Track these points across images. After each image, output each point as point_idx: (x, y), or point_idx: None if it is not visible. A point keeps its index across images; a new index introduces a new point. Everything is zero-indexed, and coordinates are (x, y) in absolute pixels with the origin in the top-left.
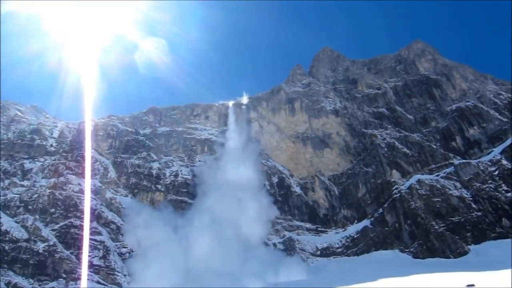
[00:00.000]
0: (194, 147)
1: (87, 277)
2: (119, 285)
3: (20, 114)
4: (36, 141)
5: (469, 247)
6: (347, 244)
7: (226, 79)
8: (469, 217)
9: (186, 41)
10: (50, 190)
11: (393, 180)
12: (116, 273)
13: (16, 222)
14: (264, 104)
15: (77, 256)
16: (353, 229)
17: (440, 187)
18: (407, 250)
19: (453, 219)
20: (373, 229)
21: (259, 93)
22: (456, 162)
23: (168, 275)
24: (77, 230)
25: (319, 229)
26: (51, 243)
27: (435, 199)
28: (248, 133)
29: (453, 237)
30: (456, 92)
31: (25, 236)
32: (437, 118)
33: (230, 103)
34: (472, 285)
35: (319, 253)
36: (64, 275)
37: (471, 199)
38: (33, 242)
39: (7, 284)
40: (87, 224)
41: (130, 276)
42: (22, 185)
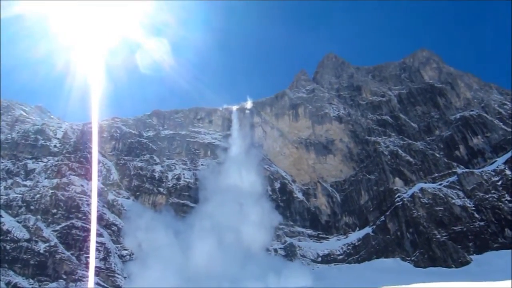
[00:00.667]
0: (197, 151)
1: (87, 278)
2: (119, 287)
3: (24, 114)
4: (39, 142)
5: (471, 257)
6: (348, 251)
7: (230, 83)
8: (472, 226)
9: (191, 43)
10: (53, 191)
11: (395, 188)
12: (116, 275)
13: (17, 222)
14: (267, 109)
15: (77, 257)
16: (354, 236)
17: (443, 196)
18: (409, 258)
19: (455, 228)
20: (374, 236)
21: (263, 98)
22: (459, 171)
23: (168, 278)
24: (79, 231)
25: (320, 235)
26: (52, 243)
27: (437, 208)
28: (251, 138)
29: (455, 247)
30: (460, 101)
31: (26, 236)
32: (441, 127)
33: (234, 108)
34: None
35: (320, 259)
36: (65, 276)
37: (473, 208)
38: (34, 242)
39: (7, 284)
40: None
41: (129, 278)
42: (25, 185)
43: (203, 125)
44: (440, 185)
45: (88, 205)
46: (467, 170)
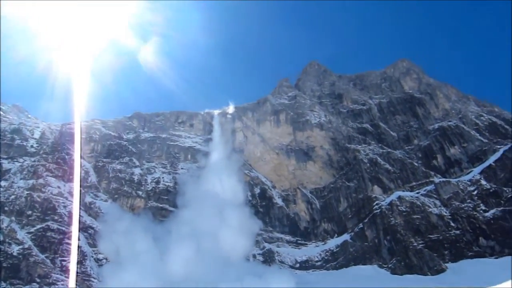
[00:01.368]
0: (178, 155)
1: (62, 282)
2: None
3: (1, 113)
4: (16, 141)
5: (447, 264)
6: (326, 258)
7: (214, 86)
8: (448, 235)
9: (177, 45)
10: (28, 192)
11: (374, 195)
12: (91, 279)
13: None
14: (249, 115)
15: (52, 261)
16: (333, 243)
17: (420, 205)
18: (386, 266)
19: (431, 236)
20: (353, 243)
21: (245, 103)
22: (436, 180)
23: (144, 282)
24: (54, 234)
25: (299, 241)
26: (26, 246)
27: (414, 216)
28: (232, 142)
29: (431, 255)
30: (439, 112)
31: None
32: (420, 136)
33: (216, 112)
34: None
35: (298, 265)
36: (38, 280)
37: (450, 217)
38: (8, 244)
39: None
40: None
41: (104, 282)
42: None
43: (184, 129)
44: (417, 193)
45: (65, 207)
46: (444, 179)
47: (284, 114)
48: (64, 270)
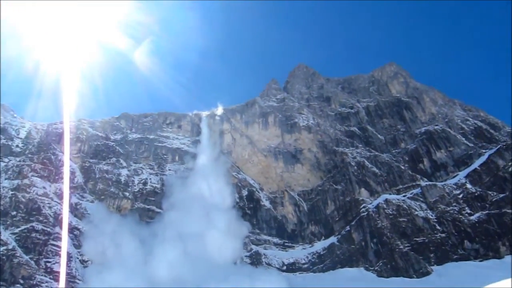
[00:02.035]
0: (165, 156)
1: (46, 284)
2: None
3: None
4: (1, 141)
5: (432, 267)
6: (313, 260)
7: (202, 89)
8: (433, 238)
9: (168, 45)
10: (13, 192)
11: (361, 198)
12: (76, 280)
13: None
14: (238, 116)
15: (36, 262)
16: (320, 245)
17: (407, 208)
18: (372, 268)
19: (417, 239)
20: (339, 246)
21: (233, 105)
22: (422, 183)
23: (129, 284)
24: (39, 235)
25: (286, 244)
26: (10, 247)
27: (401, 219)
28: (220, 144)
29: (417, 257)
30: (425, 116)
31: None
32: (406, 140)
33: (204, 114)
34: None
35: (285, 268)
36: (22, 281)
37: (435, 220)
38: None
39: None
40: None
41: (89, 283)
42: None
43: (171, 130)
44: (404, 196)
45: (50, 207)
46: (430, 183)
47: (272, 117)
48: (49, 271)
